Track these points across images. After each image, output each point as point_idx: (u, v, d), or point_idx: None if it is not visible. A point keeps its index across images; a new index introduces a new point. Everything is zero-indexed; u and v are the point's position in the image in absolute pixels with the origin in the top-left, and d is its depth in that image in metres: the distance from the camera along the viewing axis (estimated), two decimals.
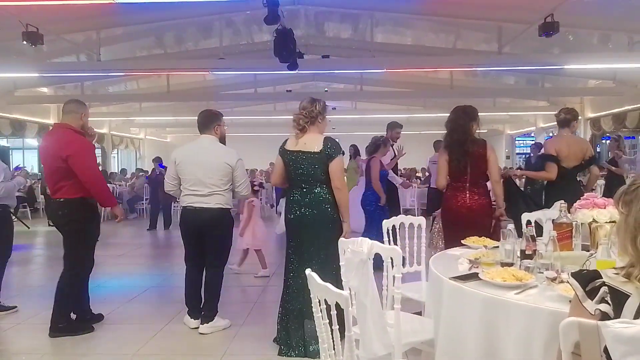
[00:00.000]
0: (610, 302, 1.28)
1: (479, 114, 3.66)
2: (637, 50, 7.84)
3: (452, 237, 3.18)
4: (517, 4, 6.73)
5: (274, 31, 6.70)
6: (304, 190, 3.26)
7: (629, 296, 1.26)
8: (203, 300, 3.77)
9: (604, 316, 1.26)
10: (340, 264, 2.36)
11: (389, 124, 6.50)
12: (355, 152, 8.73)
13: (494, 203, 3.76)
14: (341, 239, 2.47)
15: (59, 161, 3.51)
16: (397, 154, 6.33)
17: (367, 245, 2.12)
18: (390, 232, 3.16)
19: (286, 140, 3.36)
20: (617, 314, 1.25)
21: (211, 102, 14.84)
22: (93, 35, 8.51)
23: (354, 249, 2.15)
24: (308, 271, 1.77)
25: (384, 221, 3.22)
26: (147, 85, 13.04)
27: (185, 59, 10.02)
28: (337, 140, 3.36)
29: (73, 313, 3.78)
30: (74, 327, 3.69)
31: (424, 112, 15.51)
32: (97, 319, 3.95)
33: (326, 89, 14.09)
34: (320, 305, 1.69)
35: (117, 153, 19.01)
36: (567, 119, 4.24)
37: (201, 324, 3.71)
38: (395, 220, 3.27)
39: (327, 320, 1.69)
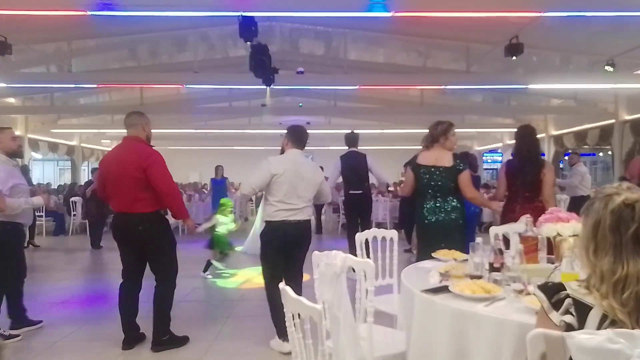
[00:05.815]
0: (574, 313, 1.30)
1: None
2: (596, 71, 8.21)
3: None
4: (484, 26, 6.97)
5: (250, 46, 6.74)
6: (438, 199, 3.70)
7: (592, 307, 1.29)
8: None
9: (569, 327, 1.28)
10: (314, 277, 2.37)
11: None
12: None
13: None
14: (315, 252, 2.48)
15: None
16: None
17: (340, 259, 2.14)
18: (363, 245, 3.20)
19: (416, 156, 3.85)
20: (581, 325, 1.28)
21: (185, 115, 14.70)
22: (64, 46, 8.34)
23: (328, 262, 2.17)
24: (282, 285, 1.78)
25: (357, 234, 3.25)
26: (120, 97, 12.77)
27: (159, 72, 9.90)
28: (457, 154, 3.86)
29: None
30: (175, 340, 3.71)
31: (396, 127, 15.76)
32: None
33: (301, 104, 14.15)
34: (294, 319, 1.69)
35: (88, 165, 18.48)
36: None
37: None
38: (368, 234, 3.31)
39: (301, 334, 1.70)
